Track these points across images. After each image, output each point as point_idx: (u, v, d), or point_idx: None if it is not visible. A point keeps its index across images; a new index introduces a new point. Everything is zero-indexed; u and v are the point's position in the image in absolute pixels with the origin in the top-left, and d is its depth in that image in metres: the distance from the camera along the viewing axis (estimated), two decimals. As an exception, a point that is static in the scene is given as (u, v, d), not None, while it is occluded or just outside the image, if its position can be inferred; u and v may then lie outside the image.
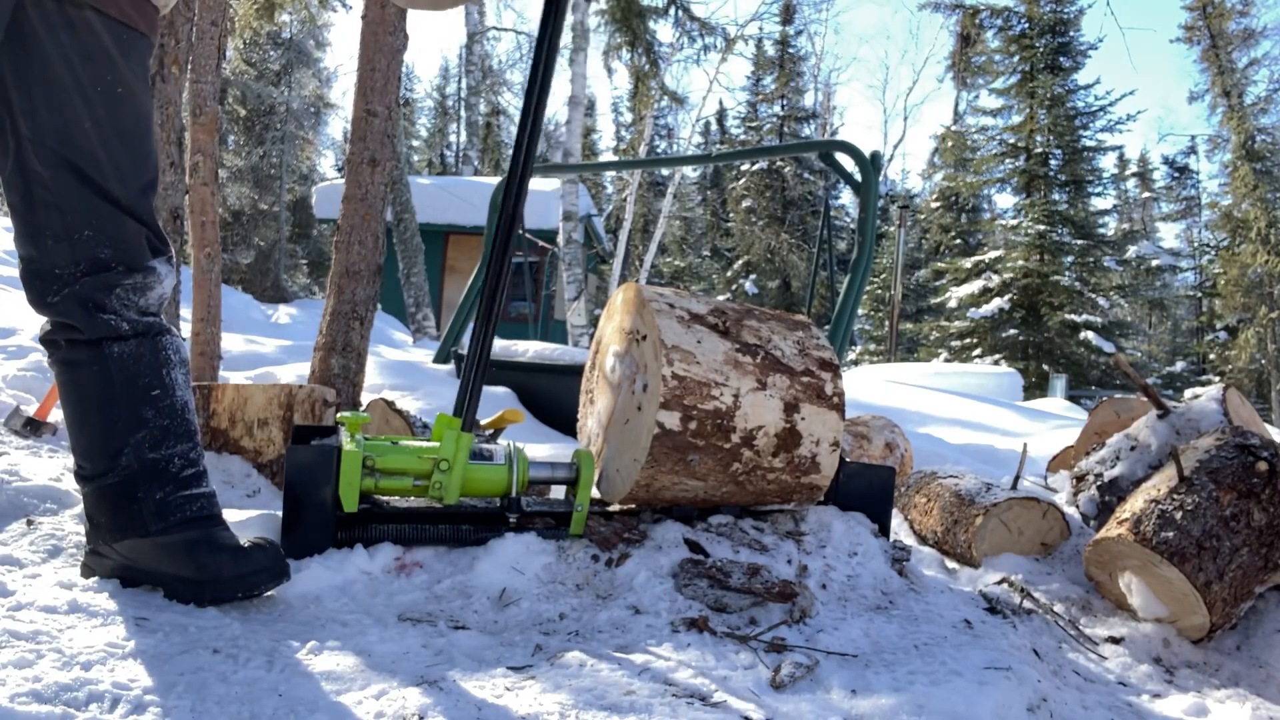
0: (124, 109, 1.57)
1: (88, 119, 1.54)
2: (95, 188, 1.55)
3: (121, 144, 1.58)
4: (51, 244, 1.55)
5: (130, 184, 1.59)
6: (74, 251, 1.56)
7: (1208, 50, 22.52)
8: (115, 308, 1.60)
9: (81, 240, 1.55)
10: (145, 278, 1.63)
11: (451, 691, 1.30)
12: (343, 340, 3.48)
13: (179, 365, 1.68)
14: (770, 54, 29.07)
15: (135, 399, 1.61)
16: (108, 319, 1.59)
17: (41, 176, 1.53)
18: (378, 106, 3.57)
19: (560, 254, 11.47)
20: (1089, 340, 20.99)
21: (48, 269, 1.57)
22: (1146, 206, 34.54)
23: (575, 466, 2.01)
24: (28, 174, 1.54)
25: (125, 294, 1.61)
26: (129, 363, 1.61)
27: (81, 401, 1.62)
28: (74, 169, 1.53)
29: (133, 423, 1.60)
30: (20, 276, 1.60)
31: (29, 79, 1.51)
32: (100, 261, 1.57)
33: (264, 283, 18.49)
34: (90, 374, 1.60)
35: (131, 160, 1.59)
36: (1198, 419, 2.47)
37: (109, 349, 1.60)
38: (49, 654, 1.27)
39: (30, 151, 1.53)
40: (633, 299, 2.14)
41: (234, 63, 16.32)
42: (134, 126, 1.60)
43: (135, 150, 1.60)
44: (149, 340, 1.64)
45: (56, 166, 1.53)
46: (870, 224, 4.02)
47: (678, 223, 31.22)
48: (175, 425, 1.64)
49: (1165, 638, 1.96)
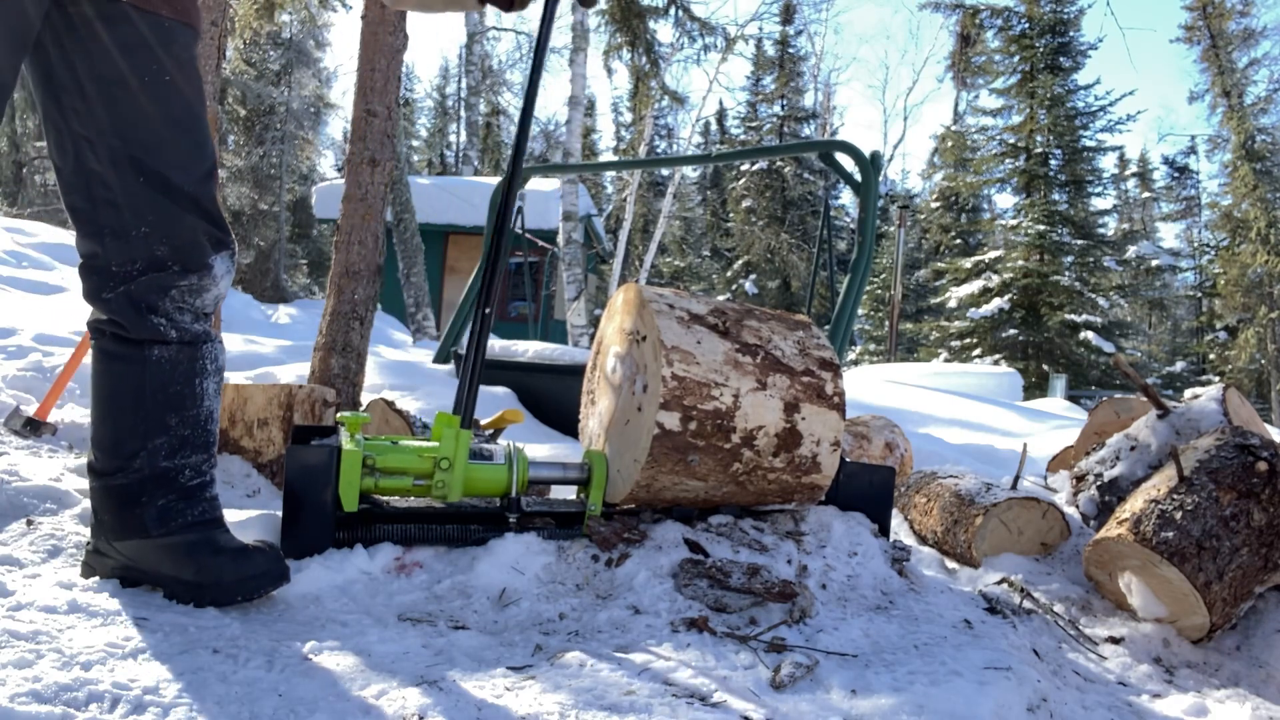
0: (174, 98, 1.58)
1: (142, 110, 1.54)
2: (156, 179, 1.55)
3: (178, 132, 1.58)
4: (110, 241, 1.56)
5: (191, 171, 1.60)
6: (130, 249, 1.56)
7: (1208, 50, 22.52)
8: (168, 310, 1.61)
9: (139, 237, 1.56)
10: (201, 279, 1.63)
11: (451, 691, 1.30)
12: (343, 340, 3.48)
13: (213, 374, 1.69)
14: (770, 54, 29.06)
15: (163, 405, 1.62)
16: (157, 323, 1.60)
17: (101, 175, 1.54)
18: (378, 106, 3.57)
19: (560, 254, 11.48)
20: (1089, 340, 20.98)
21: (105, 265, 1.58)
22: (1146, 206, 34.52)
23: (588, 467, 2.02)
24: (88, 174, 1.54)
25: (181, 296, 1.62)
26: (165, 368, 1.62)
27: (111, 396, 1.63)
28: (135, 162, 1.54)
29: (154, 428, 1.61)
30: (79, 270, 1.62)
31: (77, 77, 1.51)
32: (157, 260, 1.58)
33: (264, 283, 18.50)
34: (126, 372, 1.61)
35: (190, 148, 1.60)
36: (1198, 419, 2.47)
37: (150, 352, 1.61)
38: (49, 654, 1.27)
39: (89, 151, 1.53)
40: (633, 299, 2.14)
41: (234, 63, 16.32)
42: (186, 114, 1.60)
43: (192, 138, 1.60)
44: (190, 348, 1.64)
45: (117, 163, 1.53)
46: (870, 224, 4.02)
47: (678, 223, 31.20)
48: (195, 435, 1.65)
49: (1165, 638, 1.96)
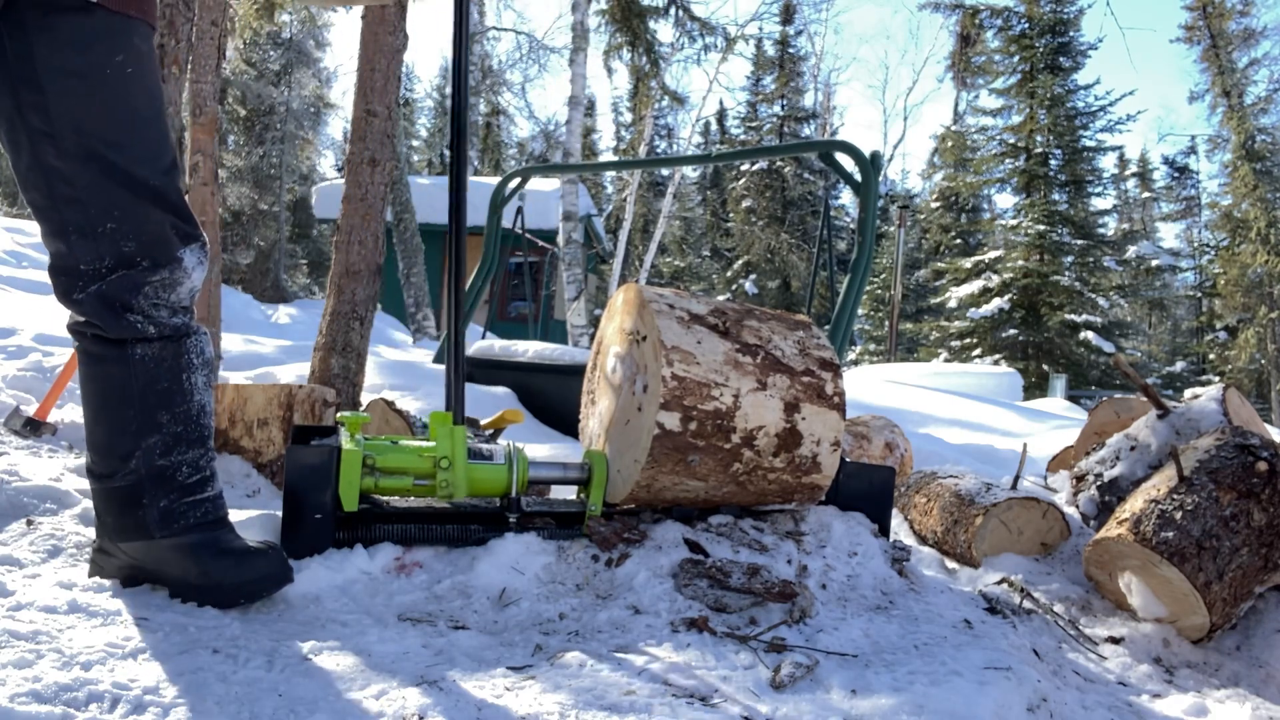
0: (134, 90, 1.55)
1: (102, 104, 1.51)
2: (118, 174, 1.52)
3: (139, 126, 1.56)
4: (75, 239, 1.54)
5: (154, 164, 1.57)
6: (98, 246, 1.54)
7: (1208, 50, 22.52)
8: (143, 308, 1.58)
9: (105, 234, 1.53)
10: (173, 273, 1.60)
11: (451, 691, 1.30)
12: (343, 340, 3.48)
13: (201, 368, 1.66)
14: (770, 54, 29.07)
15: (152, 403, 1.60)
16: (134, 320, 1.58)
17: (61, 171, 1.51)
18: (378, 106, 3.57)
19: (560, 254, 11.47)
20: (1089, 340, 20.99)
21: (73, 265, 1.55)
22: (1146, 206, 34.52)
23: (588, 467, 2.02)
24: (47, 170, 1.51)
25: (154, 292, 1.59)
26: (150, 366, 1.60)
27: (99, 396, 1.61)
28: (95, 157, 1.51)
29: (146, 427, 1.59)
30: (48, 271, 1.59)
31: (34, 71, 1.48)
32: (125, 257, 1.55)
33: (264, 283, 18.50)
34: (112, 372, 1.59)
35: (151, 141, 1.58)
36: (1198, 419, 2.47)
37: (133, 350, 1.59)
38: (49, 654, 1.27)
39: (47, 145, 1.50)
40: (633, 300, 2.14)
41: (234, 63, 16.32)
42: (147, 107, 1.58)
43: (152, 131, 1.58)
44: (174, 343, 1.62)
45: (76, 158, 1.50)
46: (870, 224, 4.01)
47: (678, 223, 31.21)
48: (188, 431, 1.63)
49: (1165, 638, 1.96)
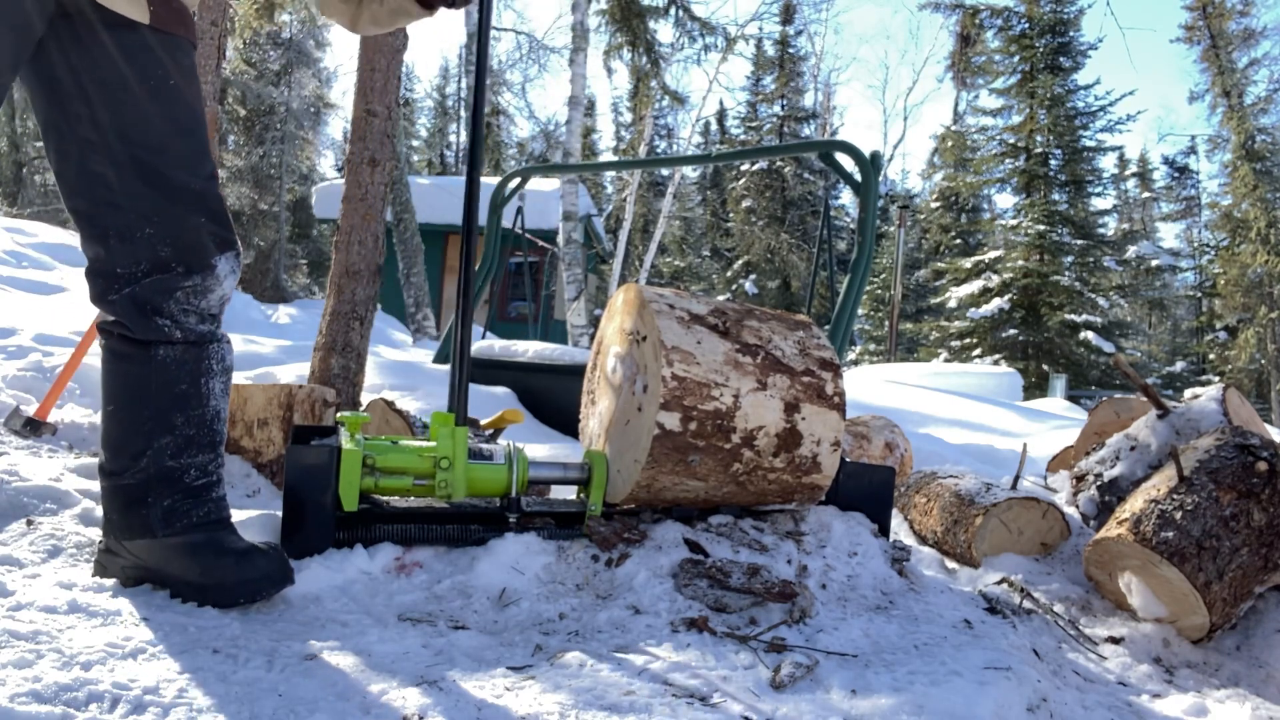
0: (178, 102, 1.60)
1: (146, 113, 1.56)
2: (160, 181, 1.57)
3: (181, 135, 1.60)
4: (115, 243, 1.58)
5: (194, 171, 1.61)
6: (135, 250, 1.58)
7: (1208, 50, 22.52)
8: (172, 312, 1.62)
9: (142, 238, 1.58)
10: (205, 279, 1.65)
11: (451, 691, 1.30)
12: (343, 340, 3.48)
13: (220, 374, 1.70)
14: (770, 54, 29.06)
15: (168, 404, 1.63)
16: (162, 324, 1.62)
17: (105, 177, 1.55)
18: (378, 106, 3.57)
19: (560, 254, 11.47)
20: (1089, 340, 20.99)
21: (110, 268, 1.60)
22: (1146, 206, 34.51)
23: (588, 467, 2.02)
24: (91, 176, 1.56)
25: (185, 297, 1.63)
26: (171, 368, 1.63)
27: (118, 393, 1.65)
28: (140, 164, 1.55)
29: (160, 427, 1.63)
30: (85, 274, 1.64)
31: (81, 82, 1.53)
32: (160, 261, 1.60)
33: (264, 283, 18.49)
34: (133, 372, 1.63)
35: (192, 150, 1.61)
36: (1198, 419, 2.47)
37: (156, 351, 1.63)
38: (49, 654, 1.27)
39: (93, 154, 1.55)
40: (633, 300, 2.14)
41: (234, 63, 16.33)
42: (189, 118, 1.62)
43: (193, 141, 1.62)
44: (196, 348, 1.66)
45: (121, 165, 1.55)
46: (870, 224, 4.01)
47: (678, 223, 31.20)
48: (201, 435, 1.66)
49: (1165, 638, 1.96)
